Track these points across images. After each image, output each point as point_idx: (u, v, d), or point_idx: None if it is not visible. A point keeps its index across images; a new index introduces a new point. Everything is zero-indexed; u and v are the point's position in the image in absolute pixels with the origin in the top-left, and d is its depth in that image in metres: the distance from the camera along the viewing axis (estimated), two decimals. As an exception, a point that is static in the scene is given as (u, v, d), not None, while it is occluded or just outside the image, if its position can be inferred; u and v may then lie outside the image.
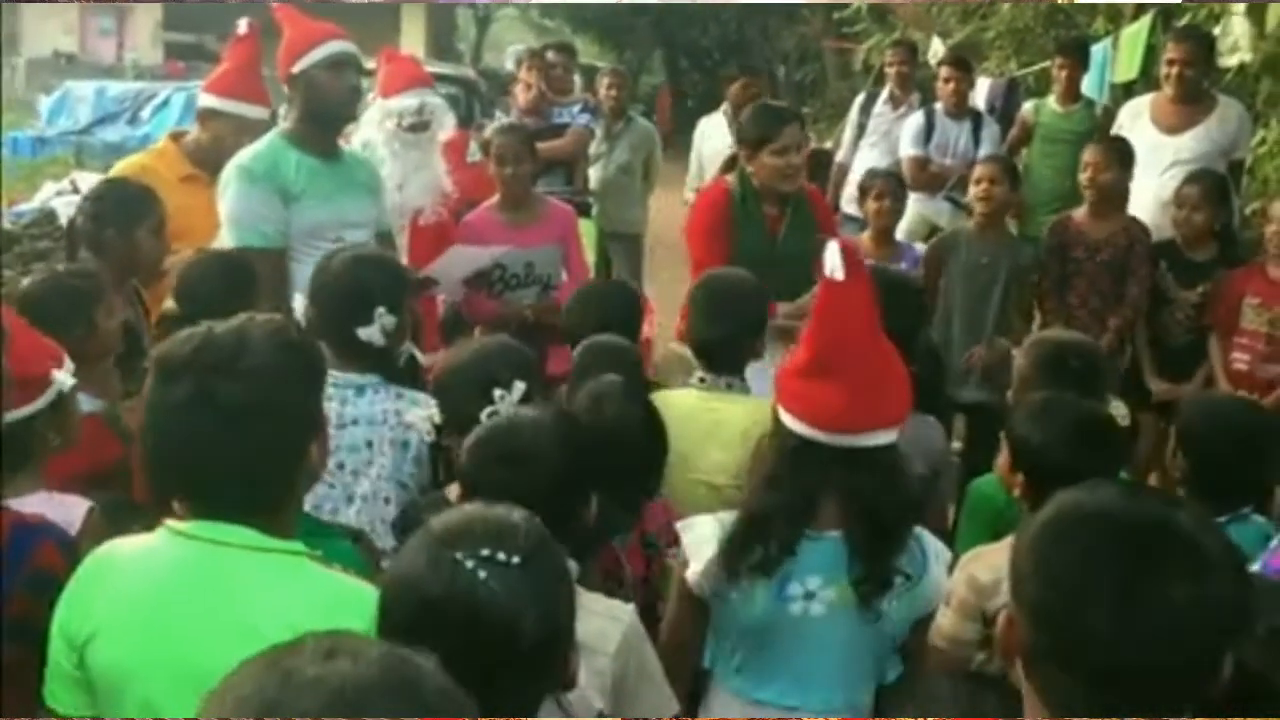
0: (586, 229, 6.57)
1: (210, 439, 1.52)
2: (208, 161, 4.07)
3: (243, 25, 4.31)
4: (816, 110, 16.52)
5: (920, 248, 5.14)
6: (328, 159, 3.68)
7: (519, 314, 4.28)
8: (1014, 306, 4.69)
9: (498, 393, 2.41)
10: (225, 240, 3.59)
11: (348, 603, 1.53)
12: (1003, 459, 2.59)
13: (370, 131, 4.26)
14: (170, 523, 1.60)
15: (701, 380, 2.98)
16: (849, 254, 2.04)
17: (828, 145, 8.81)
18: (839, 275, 2.01)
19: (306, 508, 2.60)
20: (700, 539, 2.19)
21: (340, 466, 2.72)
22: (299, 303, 3.01)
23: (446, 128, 4.46)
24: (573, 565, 2.02)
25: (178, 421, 1.53)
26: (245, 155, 3.62)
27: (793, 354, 2.16)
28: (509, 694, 1.33)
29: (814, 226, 3.96)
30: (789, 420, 2.11)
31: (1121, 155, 4.78)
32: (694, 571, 2.17)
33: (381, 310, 2.76)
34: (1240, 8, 6.38)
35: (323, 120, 3.66)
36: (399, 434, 2.75)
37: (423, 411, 2.67)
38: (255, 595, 1.54)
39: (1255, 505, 2.75)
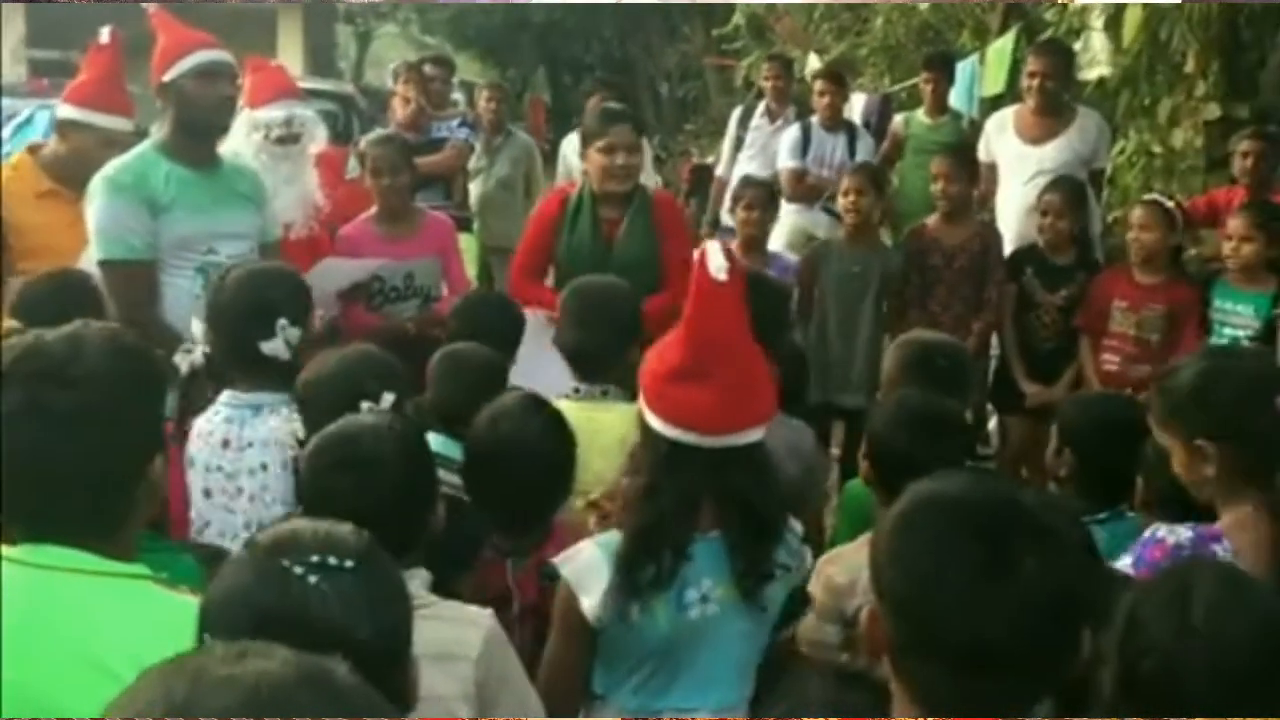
0: (468, 244, 6.52)
1: (41, 450, 1.44)
2: (68, 176, 3.93)
3: (104, 34, 4.17)
4: (699, 126, 16.69)
5: (789, 257, 5.22)
6: (202, 169, 3.60)
7: (401, 327, 4.21)
8: (886, 314, 4.79)
9: (365, 405, 2.35)
10: (92, 254, 3.47)
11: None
12: (862, 451, 2.65)
13: (238, 143, 4.15)
14: (-1, 549, 1.51)
15: (576, 390, 2.96)
16: (730, 253, 2.04)
17: (709, 160, 8.90)
18: (722, 275, 2.00)
19: (212, 536, 2.56)
20: (586, 568, 2.12)
21: (239, 491, 2.66)
22: (196, 328, 2.91)
23: (318, 140, 4.37)
24: (424, 574, 2.00)
25: (6, 433, 1.45)
26: (112, 166, 3.53)
27: (660, 358, 2.13)
28: None
29: (654, 233, 3.98)
30: (660, 425, 2.08)
31: (969, 166, 4.94)
32: (590, 605, 2.09)
33: (284, 322, 2.69)
34: (1099, 24, 6.65)
35: (194, 130, 3.57)
36: (289, 455, 2.67)
37: (286, 425, 2.59)
38: (94, 622, 1.45)
39: (1130, 503, 2.83)
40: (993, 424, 5.25)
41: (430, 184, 6.33)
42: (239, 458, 2.64)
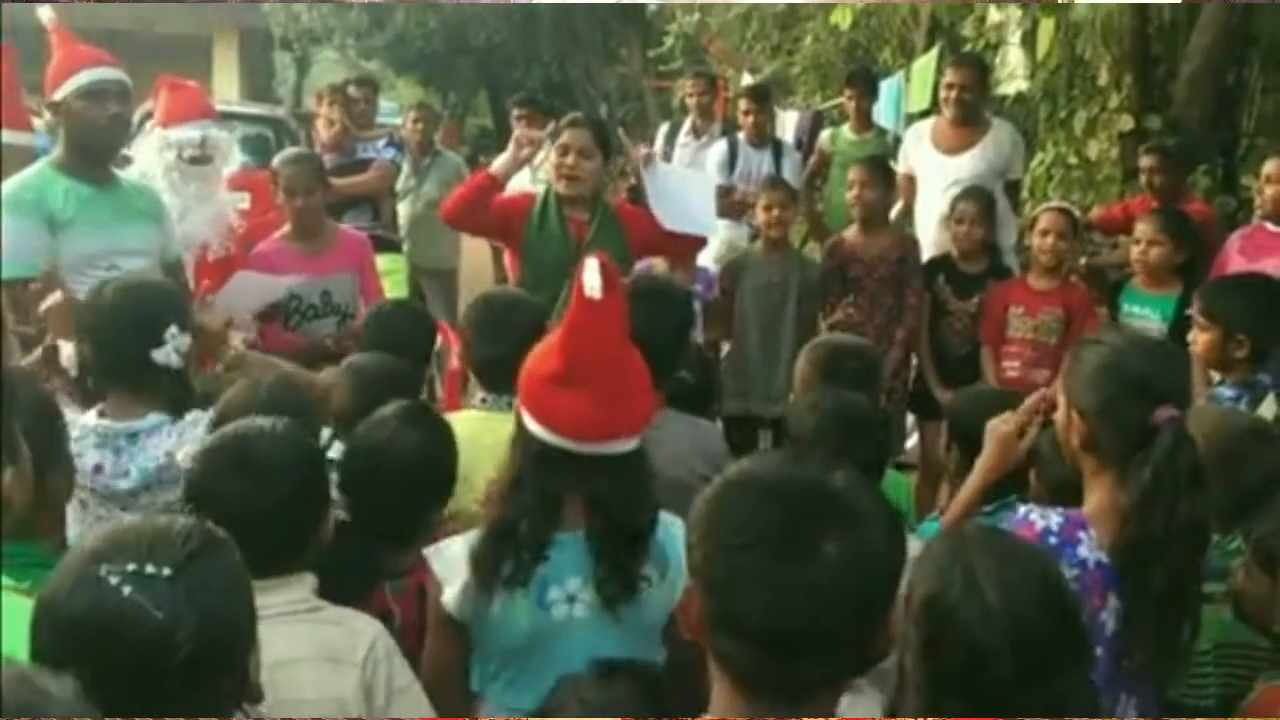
0: (397, 265, 6.50)
1: None
2: None
3: None
4: (638, 147, 16.76)
5: (713, 269, 5.26)
6: (102, 186, 3.58)
7: (320, 345, 4.18)
8: (805, 323, 4.84)
9: None
10: None
11: None
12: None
13: (147, 161, 4.12)
14: None
15: (483, 400, 2.95)
16: (607, 271, 2.04)
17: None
18: (596, 294, 2.01)
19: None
20: (451, 561, 2.14)
21: (123, 509, 2.60)
22: (66, 349, 2.83)
23: (232, 161, 4.35)
24: (311, 579, 2.00)
25: None
26: (10, 183, 3.50)
27: (538, 361, 2.14)
28: (177, 705, 1.29)
29: (623, 240, 4.03)
30: (534, 426, 2.09)
31: (885, 174, 5.01)
32: (450, 596, 2.12)
33: (174, 330, 2.63)
34: (1015, 39, 6.79)
35: (86, 149, 3.55)
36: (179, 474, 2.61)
37: (192, 447, 2.53)
38: None
39: (1020, 494, 2.88)
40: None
41: (357, 204, 6.33)
42: (115, 483, 2.60)
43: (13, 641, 1.33)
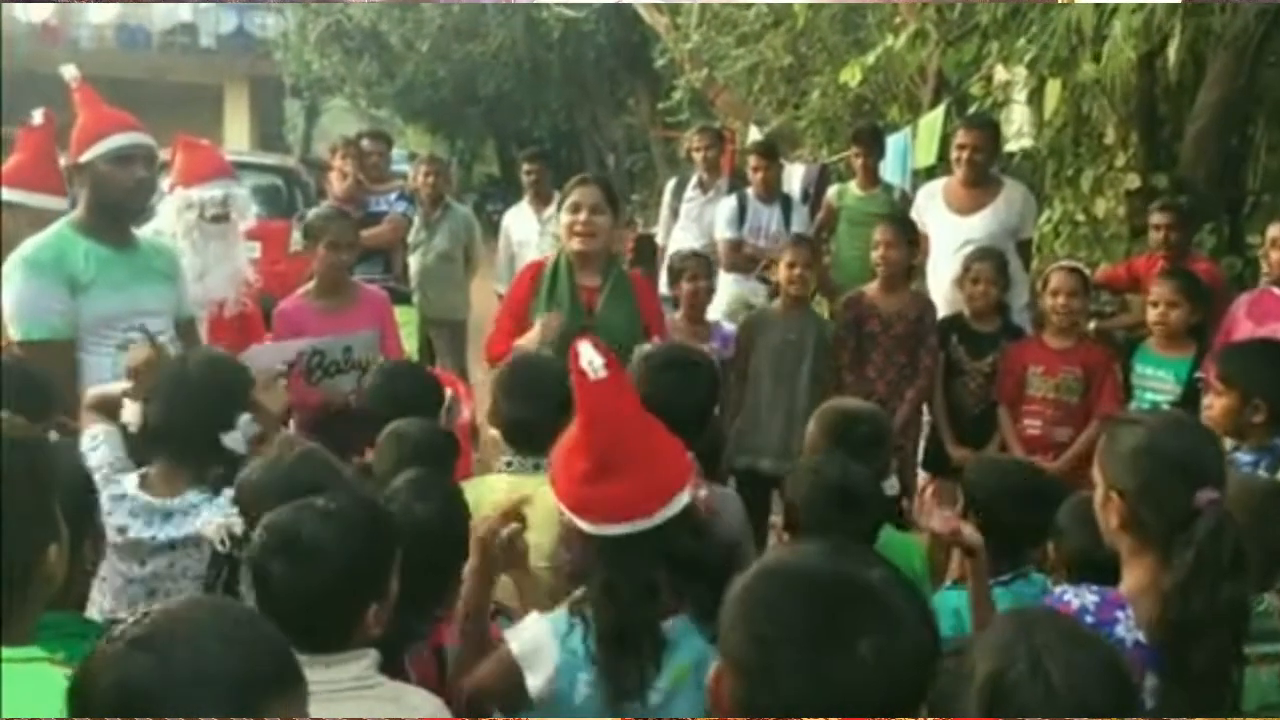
0: (408, 317, 6.54)
1: None
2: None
3: (37, 115, 4.21)
4: (645, 197, 16.87)
5: (729, 326, 5.30)
6: (121, 248, 3.61)
7: (342, 400, 4.20)
8: (820, 381, 4.86)
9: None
10: (10, 334, 3.46)
11: None
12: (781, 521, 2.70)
13: (168, 220, 4.17)
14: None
15: (509, 464, 2.97)
16: (602, 349, 2.05)
17: (654, 231, 9.01)
18: (601, 374, 2.01)
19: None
20: (534, 645, 2.12)
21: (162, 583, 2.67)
22: (130, 411, 2.84)
23: (247, 217, 4.40)
24: (373, 654, 2.01)
25: None
26: (30, 246, 3.52)
27: (567, 462, 2.13)
28: None
29: (634, 306, 4.03)
30: (590, 527, 2.09)
31: (910, 234, 5.05)
32: (535, 684, 2.09)
33: (247, 417, 2.71)
34: (1022, 97, 6.86)
35: (109, 211, 3.58)
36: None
37: (219, 519, 2.49)
38: None
39: (1036, 563, 2.90)
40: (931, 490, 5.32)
41: (369, 257, 6.37)
42: (135, 541, 2.63)
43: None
